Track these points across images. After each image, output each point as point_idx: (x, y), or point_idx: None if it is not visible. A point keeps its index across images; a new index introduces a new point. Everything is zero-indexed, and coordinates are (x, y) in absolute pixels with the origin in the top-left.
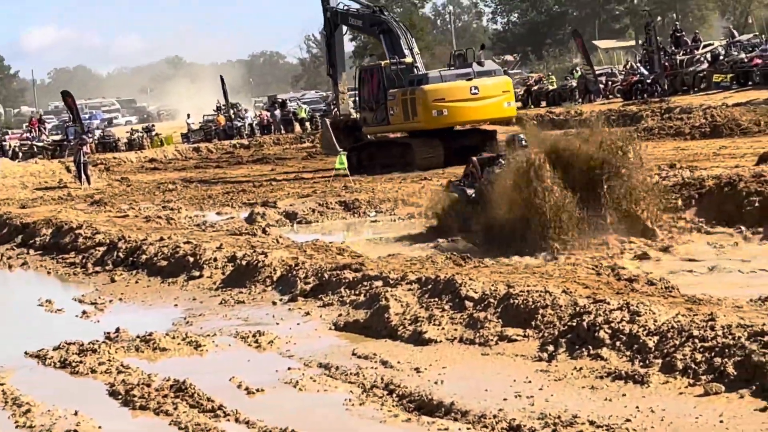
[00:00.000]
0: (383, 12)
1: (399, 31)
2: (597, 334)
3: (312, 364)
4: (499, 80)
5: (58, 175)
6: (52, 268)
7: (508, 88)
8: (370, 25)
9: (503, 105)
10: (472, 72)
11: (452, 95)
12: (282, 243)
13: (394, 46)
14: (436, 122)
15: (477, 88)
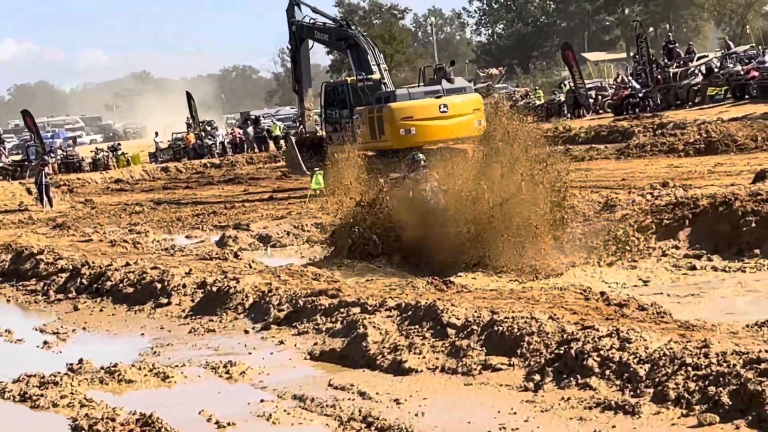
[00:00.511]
0: (350, 26)
1: (366, 46)
2: (585, 362)
3: (286, 395)
4: (469, 98)
5: (19, 197)
6: (12, 296)
7: (479, 106)
8: (336, 39)
9: (474, 123)
10: (441, 89)
11: (420, 113)
12: (255, 268)
13: (361, 62)
14: (403, 141)
15: (446, 106)
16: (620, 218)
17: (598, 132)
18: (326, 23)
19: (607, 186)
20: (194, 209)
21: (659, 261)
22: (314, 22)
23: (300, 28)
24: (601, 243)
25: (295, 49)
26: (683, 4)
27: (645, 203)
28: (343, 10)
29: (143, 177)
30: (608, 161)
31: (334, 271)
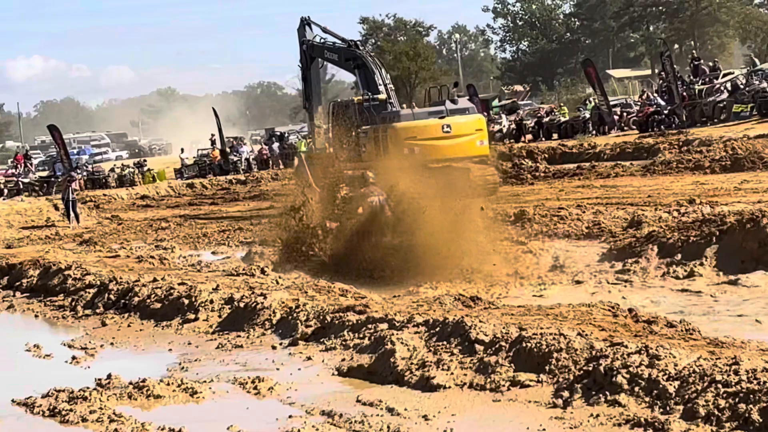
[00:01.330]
0: (358, 47)
1: (374, 66)
2: (614, 379)
3: (314, 411)
4: (472, 118)
5: (46, 213)
6: (40, 312)
7: (482, 127)
8: (345, 59)
9: (476, 143)
10: (444, 110)
11: (424, 133)
12: (282, 284)
13: (368, 82)
14: (407, 160)
15: (449, 126)
16: (647, 235)
17: (624, 149)
18: (336, 43)
19: (633, 203)
20: (220, 225)
21: (688, 278)
22: (324, 42)
23: (310, 47)
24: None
25: (306, 67)
26: (708, 21)
27: (672, 220)
28: (368, 26)
29: (169, 193)
30: (634, 178)
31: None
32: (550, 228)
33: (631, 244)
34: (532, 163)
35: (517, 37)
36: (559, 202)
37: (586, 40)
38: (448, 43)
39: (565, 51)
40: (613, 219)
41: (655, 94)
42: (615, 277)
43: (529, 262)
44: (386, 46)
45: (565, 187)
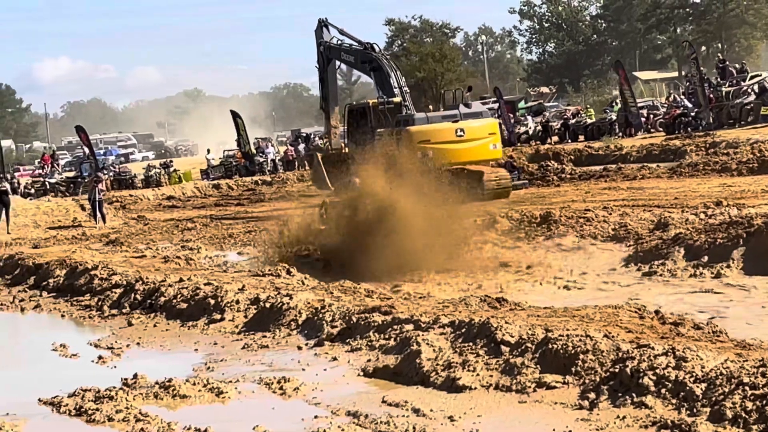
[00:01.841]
0: (374, 49)
1: (389, 69)
2: (641, 380)
3: (340, 412)
4: (485, 122)
5: (72, 213)
6: (67, 311)
7: (495, 130)
8: (361, 62)
9: (489, 147)
10: (458, 114)
11: (437, 137)
12: (307, 284)
13: (384, 85)
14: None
15: (463, 130)
16: (673, 237)
17: (650, 151)
18: (352, 45)
19: (659, 205)
20: (246, 226)
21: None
22: (341, 44)
23: (327, 48)
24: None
25: (323, 68)
26: (736, 23)
27: (698, 222)
28: (394, 28)
29: (195, 194)
30: (660, 180)
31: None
32: (576, 230)
33: (658, 246)
34: (558, 164)
35: (544, 39)
36: (585, 204)
37: (612, 42)
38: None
39: (591, 53)
40: (639, 221)
41: (682, 96)
42: (641, 278)
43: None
44: (412, 47)
45: (592, 189)
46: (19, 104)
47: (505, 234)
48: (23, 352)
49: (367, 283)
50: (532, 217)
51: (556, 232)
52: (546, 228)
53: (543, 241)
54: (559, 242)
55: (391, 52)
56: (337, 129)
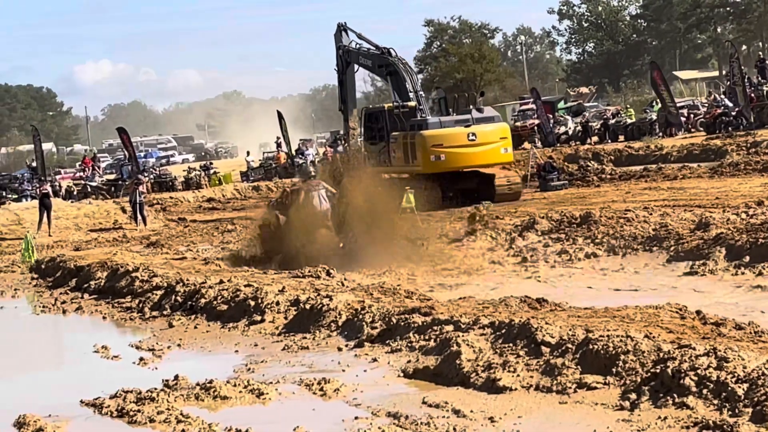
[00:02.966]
0: (390, 54)
1: (405, 74)
2: (682, 381)
3: (380, 413)
4: (497, 127)
5: (113, 215)
6: (108, 313)
7: (506, 135)
8: (378, 66)
9: (500, 151)
10: (470, 118)
11: (450, 141)
12: (347, 286)
13: (399, 89)
14: (434, 167)
15: (474, 134)
16: (714, 237)
17: (691, 151)
18: (370, 49)
19: (700, 205)
20: None
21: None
22: (359, 48)
23: (346, 52)
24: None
25: (342, 71)
26: None
27: (740, 222)
28: (432, 29)
29: (235, 196)
30: (701, 180)
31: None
32: (616, 230)
33: (699, 246)
34: (598, 165)
35: (583, 39)
36: (625, 204)
37: (652, 42)
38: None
39: (631, 52)
40: (680, 221)
41: (723, 96)
42: (682, 279)
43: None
44: (451, 48)
45: (632, 189)
46: (60, 107)
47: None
48: (65, 354)
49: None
50: (572, 218)
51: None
52: (586, 228)
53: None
54: (602, 240)
55: (429, 53)
56: (355, 131)
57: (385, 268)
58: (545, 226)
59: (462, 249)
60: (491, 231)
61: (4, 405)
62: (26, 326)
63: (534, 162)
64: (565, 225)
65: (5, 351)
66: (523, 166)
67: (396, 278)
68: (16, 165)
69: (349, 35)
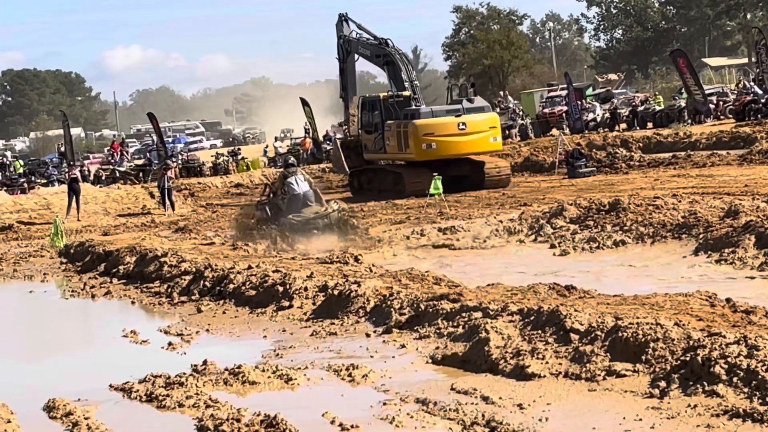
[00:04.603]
0: (388, 44)
1: (401, 64)
2: (712, 369)
3: (409, 399)
4: (486, 116)
5: (142, 200)
6: (137, 298)
7: (495, 124)
8: (375, 56)
9: (489, 140)
10: (461, 108)
11: (441, 130)
12: (375, 272)
13: (396, 78)
14: (425, 155)
15: (465, 123)
16: (744, 225)
17: (720, 138)
18: (369, 39)
19: (729, 192)
20: None
21: None
22: (359, 38)
23: (347, 42)
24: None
25: (343, 60)
26: None
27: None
28: (461, 15)
29: (262, 181)
30: (730, 167)
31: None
32: (645, 218)
33: (728, 233)
34: (627, 152)
35: (612, 26)
36: (654, 191)
37: (681, 29)
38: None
39: (660, 39)
40: (709, 208)
41: (752, 83)
42: (711, 266)
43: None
44: (479, 35)
45: (660, 176)
46: (89, 93)
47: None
48: (94, 339)
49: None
50: (600, 205)
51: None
52: (615, 216)
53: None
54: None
55: (458, 40)
56: (355, 117)
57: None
58: (573, 213)
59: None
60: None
61: (34, 389)
62: (55, 311)
63: (562, 149)
64: (594, 212)
65: (35, 335)
66: (550, 153)
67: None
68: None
69: (350, 25)
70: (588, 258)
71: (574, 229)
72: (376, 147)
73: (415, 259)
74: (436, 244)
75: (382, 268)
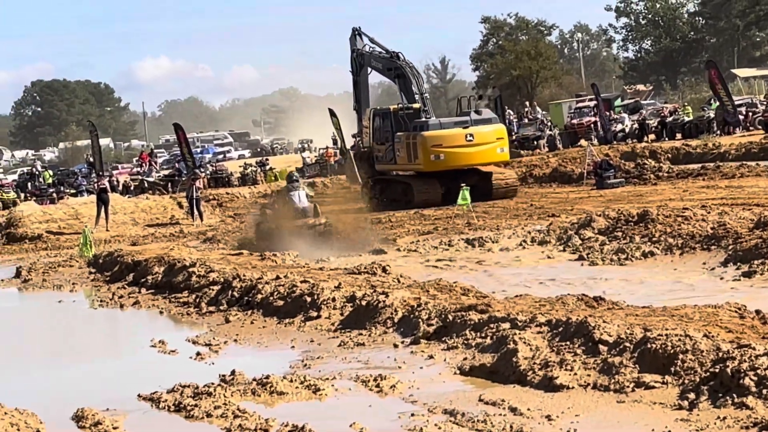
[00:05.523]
0: (399, 58)
1: (412, 77)
2: (742, 381)
3: (436, 410)
4: (494, 128)
5: (170, 211)
6: (165, 308)
7: (502, 136)
8: (386, 68)
9: (497, 150)
10: (469, 120)
11: (449, 141)
12: (403, 282)
13: (407, 91)
14: (433, 165)
15: (472, 135)
16: None
17: (749, 149)
18: (381, 53)
19: (759, 203)
20: None
21: None
22: (371, 51)
23: (360, 55)
24: None
25: (356, 73)
26: None
27: None
28: (489, 26)
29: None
30: (760, 178)
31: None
32: (674, 229)
33: (758, 245)
34: (655, 163)
35: (640, 36)
36: (683, 202)
37: (710, 39)
38: (569, 42)
39: (689, 50)
40: (738, 220)
41: None
42: (741, 278)
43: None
44: (508, 45)
45: (689, 187)
46: (118, 103)
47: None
48: (123, 348)
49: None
50: (629, 216)
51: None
52: (644, 227)
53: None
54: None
55: (486, 50)
56: (368, 129)
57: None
58: (602, 224)
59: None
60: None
61: (62, 398)
62: (84, 320)
63: (590, 159)
64: (622, 223)
65: (64, 345)
66: (578, 164)
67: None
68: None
69: (363, 39)
70: (616, 269)
71: (603, 240)
72: (387, 158)
73: (442, 269)
74: (463, 254)
75: (410, 279)
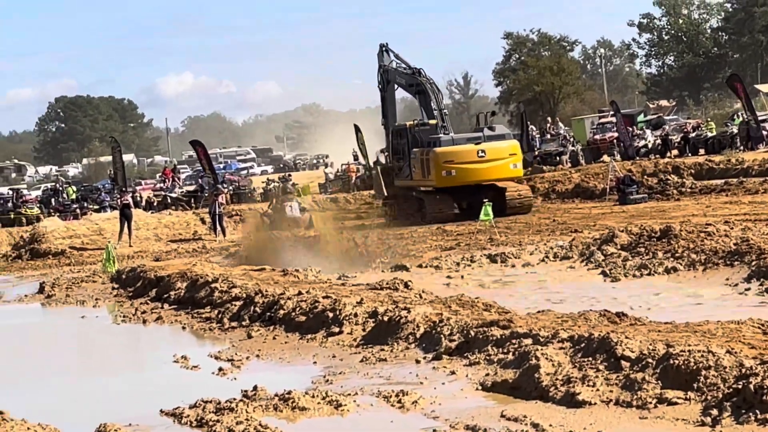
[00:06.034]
0: (420, 74)
1: (431, 93)
2: (765, 397)
3: (458, 426)
4: (507, 144)
5: (193, 226)
6: (187, 323)
7: (516, 151)
8: (409, 84)
9: (509, 166)
10: (482, 136)
11: (461, 157)
12: (425, 298)
13: (426, 106)
14: (445, 181)
15: (484, 151)
16: None
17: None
18: (405, 69)
19: None
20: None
21: None
22: (396, 67)
23: (386, 71)
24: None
25: (383, 89)
26: None
27: None
28: (511, 41)
29: (313, 207)
30: None
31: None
32: (696, 244)
33: None
34: (678, 178)
35: (663, 52)
36: (705, 218)
37: (733, 55)
38: (592, 58)
39: (712, 66)
40: (762, 235)
41: None
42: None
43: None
44: (530, 61)
45: (712, 203)
46: (141, 119)
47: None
48: (145, 364)
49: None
50: (651, 231)
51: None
52: (666, 242)
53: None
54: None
55: (508, 66)
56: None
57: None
58: (624, 239)
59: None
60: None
61: (85, 413)
62: (107, 336)
63: (613, 175)
64: (645, 239)
65: (87, 360)
66: (601, 179)
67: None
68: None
69: (390, 55)
70: (639, 285)
71: (625, 255)
72: (404, 174)
73: (463, 285)
74: (485, 270)
75: (432, 294)
